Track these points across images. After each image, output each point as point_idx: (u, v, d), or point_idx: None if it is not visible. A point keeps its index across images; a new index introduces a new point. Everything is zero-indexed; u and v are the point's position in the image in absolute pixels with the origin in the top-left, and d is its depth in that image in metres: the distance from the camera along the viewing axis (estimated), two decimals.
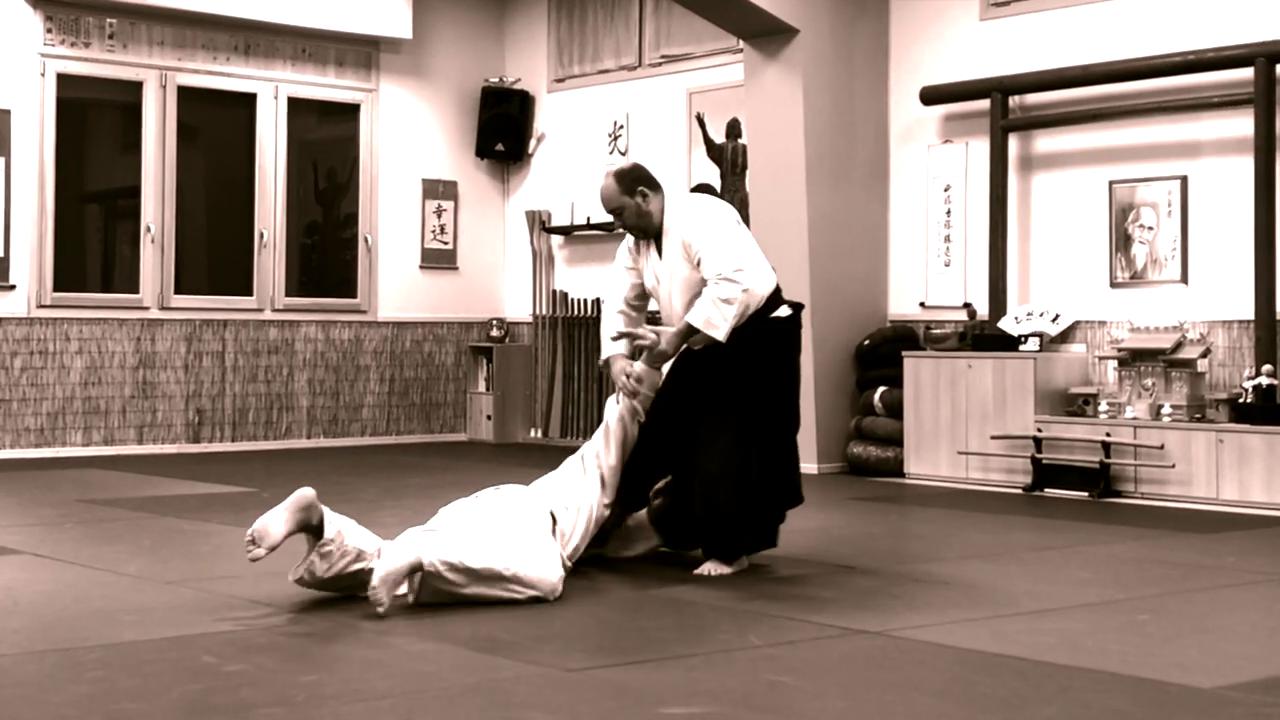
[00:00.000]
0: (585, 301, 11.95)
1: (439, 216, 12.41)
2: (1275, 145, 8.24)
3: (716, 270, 5.51)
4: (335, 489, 8.57)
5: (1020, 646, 4.40)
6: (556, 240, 12.33)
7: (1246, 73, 8.33)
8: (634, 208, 5.74)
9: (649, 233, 5.78)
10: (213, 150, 11.72)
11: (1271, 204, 8.22)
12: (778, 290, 5.75)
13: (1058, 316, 9.02)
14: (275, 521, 4.83)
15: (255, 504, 7.78)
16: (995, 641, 4.48)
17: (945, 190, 9.84)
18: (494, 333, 12.39)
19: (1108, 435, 8.41)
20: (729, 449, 5.59)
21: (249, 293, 11.46)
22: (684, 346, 5.70)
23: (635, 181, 5.75)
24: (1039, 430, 8.71)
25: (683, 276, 5.72)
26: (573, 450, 5.86)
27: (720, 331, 5.51)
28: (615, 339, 5.91)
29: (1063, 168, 9.31)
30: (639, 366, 5.79)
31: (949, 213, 9.81)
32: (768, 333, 5.67)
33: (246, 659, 4.12)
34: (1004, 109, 9.39)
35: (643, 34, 11.65)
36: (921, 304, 9.93)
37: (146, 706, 3.62)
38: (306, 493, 4.89)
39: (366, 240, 12.04)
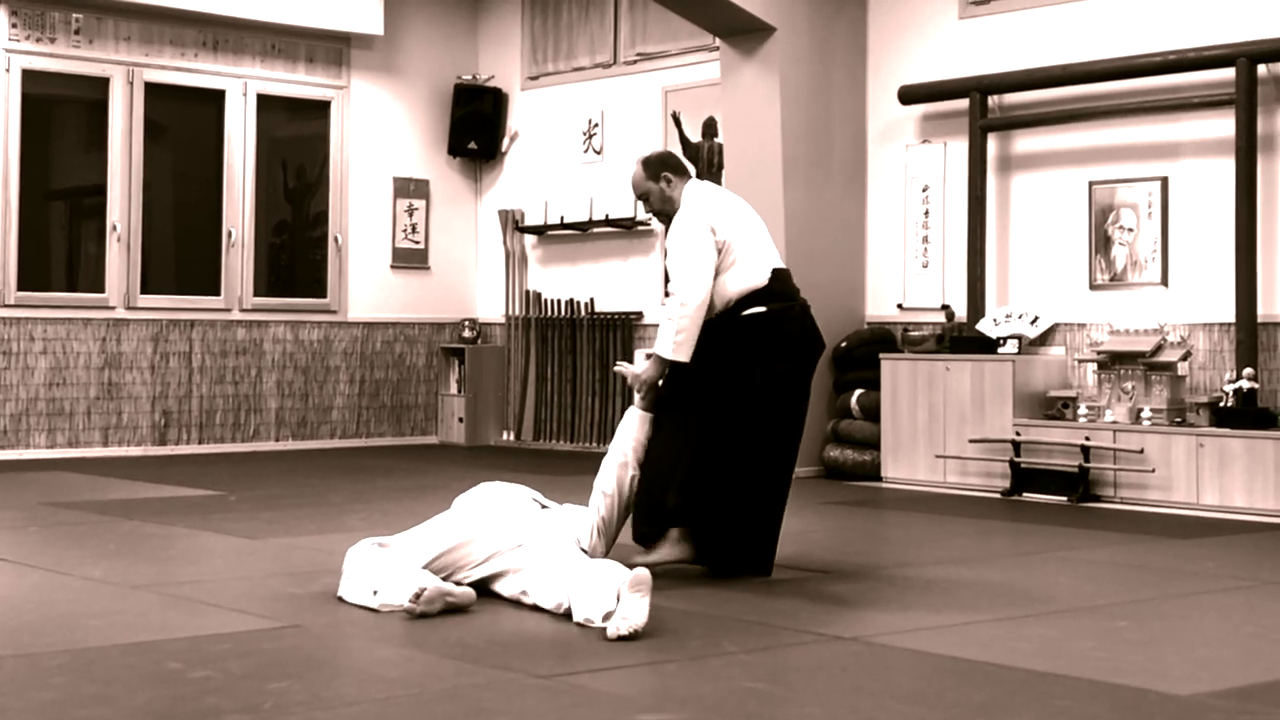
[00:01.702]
0: (559, 302, 11.86)
1: (410, 215, 12.31)
2: (1256, 146, 8.21)
3: (669, 288, 5.63)
4: (304, 492, 8.49)
5: (997, 652, 4.37)
6: (530, 240, 12.25)
7: (1228, 73, 8.29)
8: (658, 193, 5.78)
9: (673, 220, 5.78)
10: (180, 148, 11.61)
11: (1252, 206, 8.18)
12: (768, 288, 5.63)
13: (1037, 319, 8.97)
14: (439, 605, 4.79)
15: (222, 507, 7.70)
16: (971, 647, 4.45)
17: (923, 191, 9.78)
18: (466, 334, 12.30)
19: (1087, 439, 8.36)
20: (665, 440, 5.58)
21: (217, 292, 11.35)
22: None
23: (660, 167, 5.79)
24: (1017, 434, 8.66)
25: None
26: (546, 453, 5.78)
27: (665, 350, 5.55)
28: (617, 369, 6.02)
29: (1042, 168, 9.27)
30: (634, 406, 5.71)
31: (927, 213, 9.76)
32: (724, 330, 5.63)
33: (212, 665, 4.06)
34: (983, 109, 9.34)
35: (618, 31, 11.58)
36: (899, 306, 9.87)
37: (111, 713, 3.57)
38: (471, 596, 4.88)
39: (336, 239, 11.93)
